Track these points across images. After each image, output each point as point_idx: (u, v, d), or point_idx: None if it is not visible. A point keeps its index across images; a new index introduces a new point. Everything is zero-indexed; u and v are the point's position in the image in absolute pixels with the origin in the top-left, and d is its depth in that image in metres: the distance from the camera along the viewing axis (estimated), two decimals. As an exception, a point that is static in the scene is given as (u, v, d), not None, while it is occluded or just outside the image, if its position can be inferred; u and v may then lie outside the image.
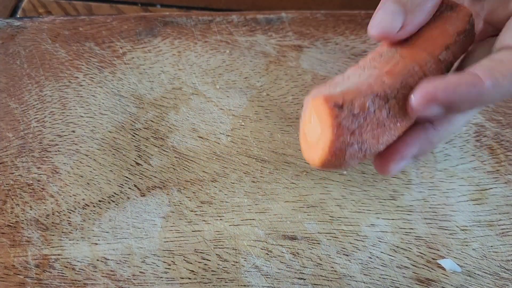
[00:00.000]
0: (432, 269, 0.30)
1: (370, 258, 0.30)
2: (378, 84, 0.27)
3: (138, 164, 0.33)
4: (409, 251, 0.30)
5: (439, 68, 0.28)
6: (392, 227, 0.31)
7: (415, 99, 0.25)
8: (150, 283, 0.28)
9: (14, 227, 0.29)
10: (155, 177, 0.32)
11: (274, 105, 0.36)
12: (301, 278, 0.29)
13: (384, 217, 0.32)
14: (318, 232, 0.31)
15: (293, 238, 0.30)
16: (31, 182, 0.31)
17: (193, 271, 0.29)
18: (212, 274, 0.28)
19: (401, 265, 0.30)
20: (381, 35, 0.27)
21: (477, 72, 0.25)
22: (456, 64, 0.31)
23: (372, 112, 0.26)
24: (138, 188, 0.32)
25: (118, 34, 0.39)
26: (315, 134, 0.27)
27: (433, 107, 0.25)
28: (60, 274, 0.28)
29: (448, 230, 0.31)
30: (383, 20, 0.27)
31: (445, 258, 0.30)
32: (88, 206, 0.30)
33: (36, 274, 0.27)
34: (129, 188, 0.32)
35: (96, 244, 0.29)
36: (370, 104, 0.26)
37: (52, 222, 0.30)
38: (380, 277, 0.29)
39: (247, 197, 0.32)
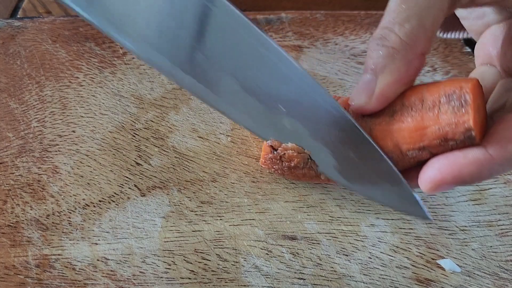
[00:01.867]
0: (431, 269, 0.30)
1: (370, 258, 0.30)
2: None
3: (138, 164, 0.33)
4: (409, 251, 0.30)
5: (404, 160, 0.26)
6: (392, 227, 0.31)
7: (423, 185, 0.24)
8: (151, 283, 0.28)
9: (15, 227, 0.29)
10: (155, 177, 0.32)
11: (274, 105, 0.36)
12: (301, 278, 0.29)
13: (384, 217, 0.32)
14: (318, 232, 0.31)
15: (293, 238, 0.30)
16: (32, 182, 0.31)
17: (193, 271, 0.29)
18: (212, 274, 0.28)
19: (400, 265, 0.30)
20: (355, 108, 0.26)
21: (490, 149, 0.23)
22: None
23: (299, 168, 0.29)
24: (138, 188, 0.32)
25: (118, 34, 0.39)
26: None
27: (443, 187, 0.24)
28: (61, 274, 0.28)
29: (448, 230, 0.32)
30: (356, 93, 0.25)
31: (444, 258, 0.30)
32: (89, 206, 0.30)
33: (36, 274, 0.27)
34: (129, 188, 0.32)
35: (96, 244, 0.29)
36: (300, 161, 0.28)
37: (53, 222, 0.30)
38: (379, 277, 0.29)
39: (247, 197, 0.32)
